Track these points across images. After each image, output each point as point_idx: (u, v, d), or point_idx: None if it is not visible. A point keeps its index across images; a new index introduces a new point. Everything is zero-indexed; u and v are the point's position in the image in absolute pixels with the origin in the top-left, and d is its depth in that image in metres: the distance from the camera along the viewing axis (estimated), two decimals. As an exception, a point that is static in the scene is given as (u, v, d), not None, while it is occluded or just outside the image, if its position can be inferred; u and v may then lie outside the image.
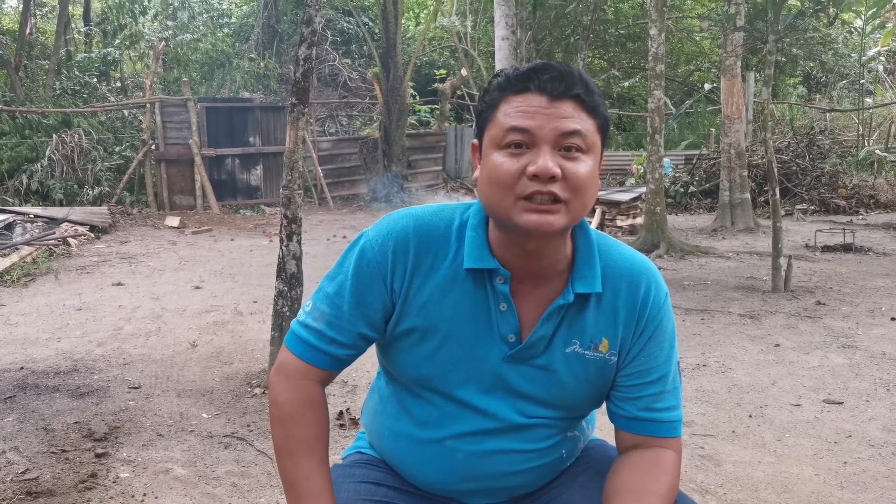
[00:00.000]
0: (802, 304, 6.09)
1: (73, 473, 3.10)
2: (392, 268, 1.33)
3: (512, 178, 1.21)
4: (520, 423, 1.36)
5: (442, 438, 1.38)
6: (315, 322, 1.37)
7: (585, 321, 1.33)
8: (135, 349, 5.03)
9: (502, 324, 1.32)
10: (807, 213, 12.09)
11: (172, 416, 3.81)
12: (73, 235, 9.47)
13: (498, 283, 1.31)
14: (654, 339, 1.35)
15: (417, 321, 1.34)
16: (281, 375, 1.39)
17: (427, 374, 1.36)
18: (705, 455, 3.28)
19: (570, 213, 1.23)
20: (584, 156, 1.23)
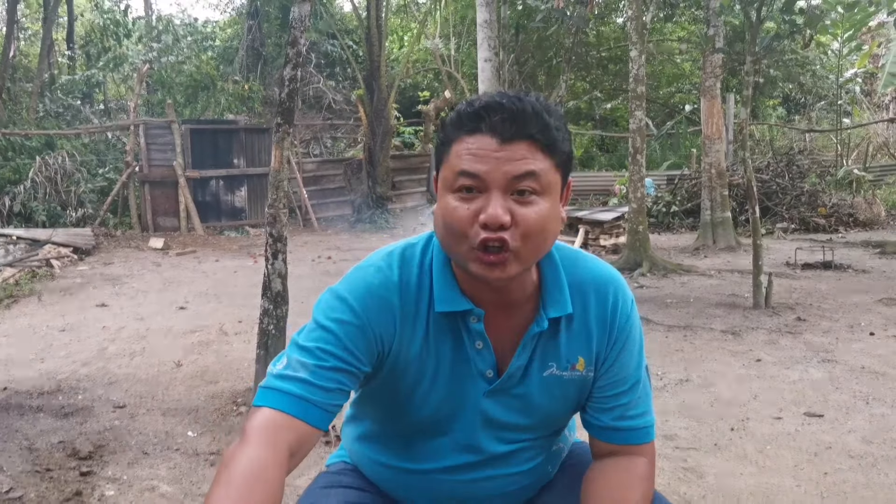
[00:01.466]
0: (783, 320, 6.17)
1: (58, 492, 3.09)
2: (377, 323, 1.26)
3: (463, 225, 1.18)
4: (503, 451, 1.38)
5: (427, 471, 1.40)
6: (295, 371, 1.20)
7: (559, 343, 1.32)
8: (119, 369, 5.02)
9: (479, 361, 1.31)
10: (787, 232, 12.24)
11: (158, 434, 3.81)
12: (56, 257, 9.43)
13: (472, 323, 1.29)
14: (625, 349, 1.34)
15: (400, 365, 1.30)
16: (240, 438, 1.15)
17: (408, 416, 1.35)
18: (688, 467, 3.32)
19: (521, 261, 1.20)
20: (540, 198, 1.18)
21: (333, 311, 1.24)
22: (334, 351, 1.21)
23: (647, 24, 9.66)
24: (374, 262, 1.31)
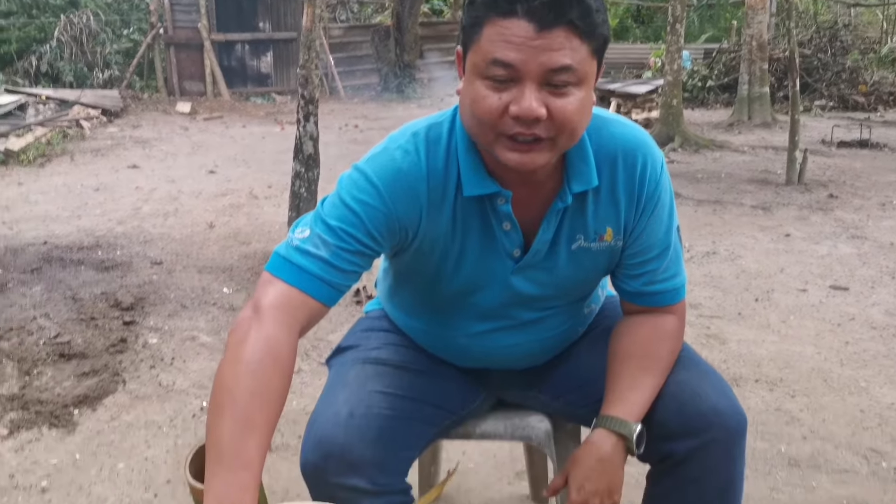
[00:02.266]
0: (815, 197, 6.12)
1: (104, 339, 3.24)
2: (403, 208, 1.23)
3: (493, 116, 1.12)
4: (533, 318, 1.40)
5: (457, 336, 1.43)
6: (317, 249, 1.18)
7: (587, 216, 1.29)
8: (154, 228, 5.13)
9: (506, 241, 1.29)
10: (825, 110, 11.93)
11: (195, 290, 3.93)
12: (85, 118, 9.46)
13: (500, 205, 1.25)
14: (654, 215, 1.30)
15: (425, 247, 1.29)
16: (253, 311, 1.14)
17: (436, 294, 1.38)
18: (711, 334, 3.39)
19: (553, 150, 1.16)
20: (576, 89, 1.11)
21: (360, 192, 1.21)
22: (357, 234, 1.19)
23: None
24: (400, 143, 1.25)
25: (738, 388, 2.82)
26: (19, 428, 2.53)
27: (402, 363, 1.44)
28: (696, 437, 1.24)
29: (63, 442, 2.46)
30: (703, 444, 1.24)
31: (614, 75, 15.50)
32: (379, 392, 1.34)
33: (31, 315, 3.46)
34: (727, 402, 1.27)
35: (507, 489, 2.25)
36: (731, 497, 1.29)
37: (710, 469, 1.26)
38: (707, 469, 1.26)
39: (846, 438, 2.50)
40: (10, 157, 7.31)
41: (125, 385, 2.84)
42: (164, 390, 2.82)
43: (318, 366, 3.02)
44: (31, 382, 2.84)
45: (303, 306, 1.16)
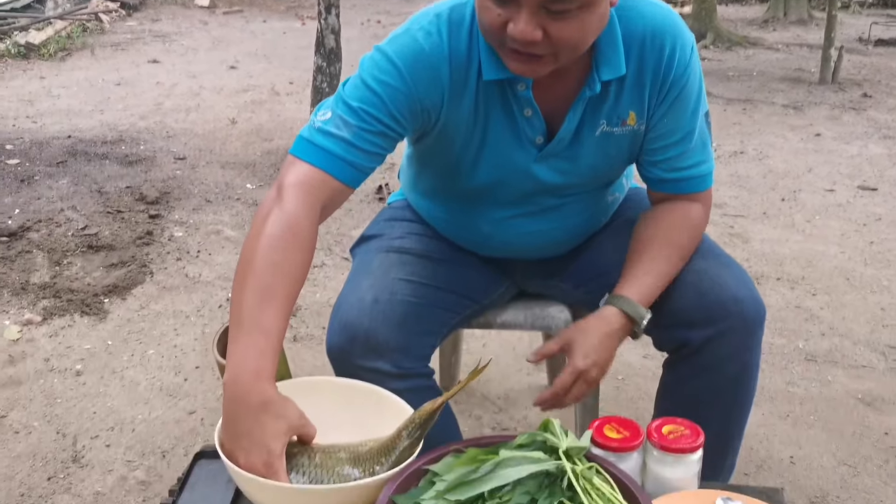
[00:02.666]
0: (848, 96, 5.95)
1: (130, 231, 3.28)
2: (425, 90, 1.22)
3: (494, 29, 1.10)
4: (555, 204, 1.39)
5: (477, 223, 1.43)
6: (339, 130, 1.18)
7: (611, 101, 1.26)
8: (176, 123, 5.12)
9: (528, 128, 1.27)
10: (864, 6, 11.46)
11: (218, 185, 3.95)
12: (104, 11, 9.31)
13: (520, 90, 1.23)
14: (679, 99, 1.26)
15: (448, 132, 1.28)
16: (276, 191, 1.15)
17: (459, 180, 1.37)
18: (734, 233, 3.38)
19: (559, 62, 1.13)
20: (578, 12, 1.06)
21: (381, 73, 1.19)
22: (378, 115, 1.18)
23: None
24: (422, 24, 1.23)
25: (760, 287, 2.81)
26: (52, 315, 2.60)
27: (425, 252, 1.45)
28: (714, 326, 1.25)
29: (95, 329, 2.53)
30: (720, 332, 1.25)
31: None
32: (402, 279, 1.35)
33: (59, 207, 3.51)
34: (747, 292, 1.27)
35: (527, 379, 2.31)
36: (745, 386, 1.31)
37: (726, 357, 1.27)
38: (723, 357, 1.27)
39: (865, 335, 2.51)
40: (31, 50, 7.26)
41: (153, 276, 2.90)
42: (190, 282, 2.87)
43: (341, 260, 3.05)
44: (62, 272, 2.91)
45: (324, 186, 1.17)
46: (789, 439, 2.00)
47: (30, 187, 3.75)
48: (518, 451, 0.94)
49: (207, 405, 2.13)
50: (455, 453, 0.98)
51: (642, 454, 1.06)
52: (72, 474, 1.87)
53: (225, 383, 1.02)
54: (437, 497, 0.91)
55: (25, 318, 2.57)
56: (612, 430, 1.05)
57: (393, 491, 0.93)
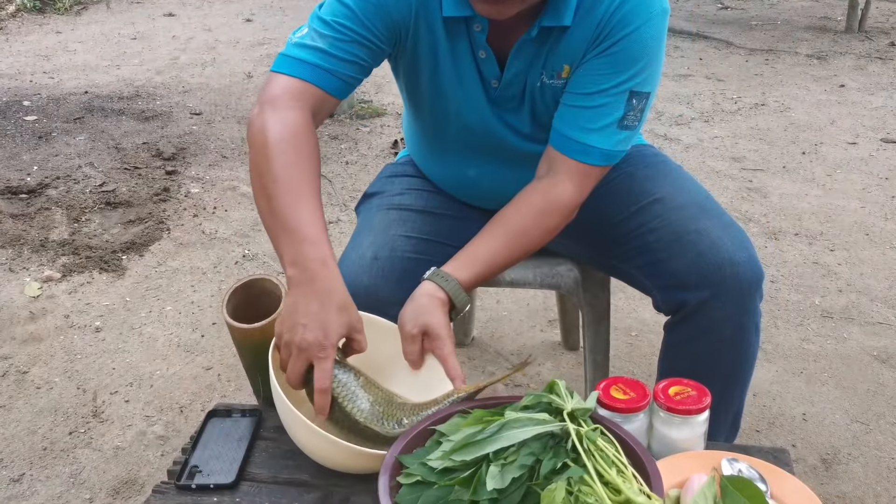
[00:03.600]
0: (875, 45, 5.81)
1: (147, 188, 3.30)
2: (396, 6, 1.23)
3: None
4: (534, 150, 1.36)
5: (464, 170, 1.45)
6: (314, 41, 1.20)
7: (552, 52, 1.25)
8: (192, 78, 5.10)
9: (484, 69, 1.29)
10: (896, -50, 11.11)
11: (234, 140, 3.95)
12: (119, -36, 9.23)
13: (476, 31, 1.25)
14: (608, 54, 1.21)
15: (419, 55, 1.30)
16: (260, 106, 1.17)
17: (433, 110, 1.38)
18: (753, 188, 3.34)
19: (525, 1, 1.13)
20: None
21: None
22: (351, 26, 1.20)
23: None
24: None
25: (777, 242, 2.80)
26: (71, 272, 2.64)
27: (424, 207, 1.46)
28: (710, 288, 1.24)
29: (113, 285, 2.56)
30: (715, 294, 1.24)
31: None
32: (402, 236, 1.37)
33: (77, 164, 3.52)
34: (745, 255, 1.26)
35: (540, 336, 2.32)
36: (742, 349, 1.30)
37: (721, 320, 1.26)
38: (718, 320, 1.26)
39: (882, 292, 2.49)
40: (46, 4, 7.23)
41: (170, 233, 2.93)
42: (207, 238, 2.89)
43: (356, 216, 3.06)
44: (80, 229, 2.93)
45: (307, 94, 1.19)
46: (802, 396, 2.00)
47: (48, 144, 3.77)
48: (523, 413, 0.95)
49: (224, 361, 2.16)
50: (462, 414, 0.99)
51: (648, 415, 1.06)
52: (92, 429, 1.91)
53: (289, 277, 1.03)
54: (442, 457, 0.92)
55: (45, 274, 2.60)
56: (619, 392, 1.05)
57: (399, 451, 0.95)
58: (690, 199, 1.36)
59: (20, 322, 2.34)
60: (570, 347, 2.23)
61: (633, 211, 1.39)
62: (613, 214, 1.41)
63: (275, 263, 2.70)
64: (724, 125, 4.17)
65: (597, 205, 1.47)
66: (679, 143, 3.91)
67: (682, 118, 4.28)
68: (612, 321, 1.71)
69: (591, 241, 1.48)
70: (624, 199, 1.39)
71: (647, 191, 1.40)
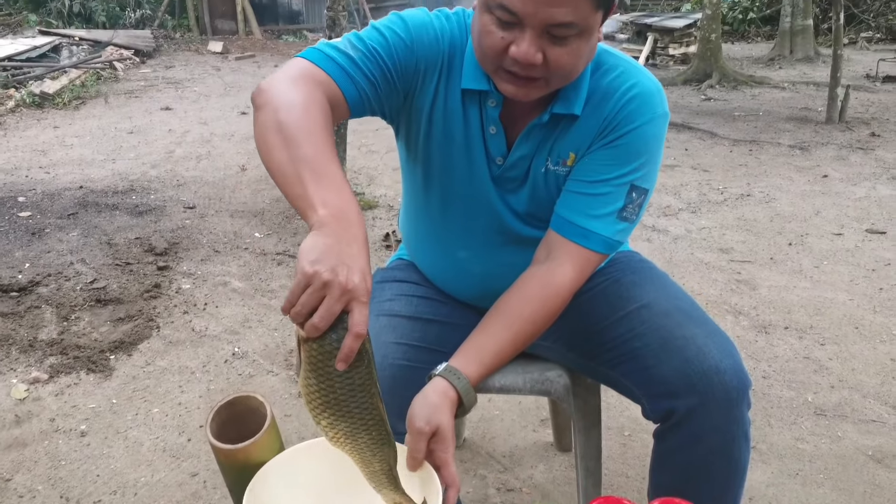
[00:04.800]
0: (856, 136, 5.95)
1: (138, 284, 3.30)
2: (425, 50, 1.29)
3: (495, 51, 1.17)
4: (528, 235, 1.40)
5: (457, 250, 1.46)
6: (345, 48, 1.23)
7: (560, 139, 1.31)
8: (187, 171, 5.17)
9: (492, 145, 1.34)
10: (871, 42, 11.50)
11: (227, 234, 3.98)
12: (118, 59, 9.48)
13: (490, 106, 1.30)
14: (613, 146, 1.28)
15: (424, 118, 1.34)
16: (280, 75, 1.16)
17: (430, 169, 1.40)
18: (741, 280, 3.36)
19: (551, 87, 1.21)
20: (576, 39, 1.15)
21: (392, 25, 1.27)
22: (381, 52, 1.24)
23: None
24: (436, 12, 1.33)
25: (768, 336, 2.80)
26: (59, 373, 2.61)
27: (415, 314, 1.46)
28: (697, 396, 1.24)
29: (100, 387, 2.54)
30: (703, 402, 1.23)
31: (652, 7, 15.06)
32: (393, 343, 1.36)
33: (69, 260, 3.54)
34: (731, 362, 1.26)
35: (532, 436, 2.29)
36: (731, 458, 1.29)
37: (710, 429, 1.25)
38: (706, 429, 1.25)
39: (875, 388, 2.48)
40: (45, 99, 7.38)
41: (159, 330, 2.91)
42: (196, 336, 2.88)
43: (347, 311, 3.05)
44: (69, 328, 2.92)
45: (325, 83, 1.18)
46: (798, 500, 1.97)
47: (40, 240, 3.79)
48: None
49: (211, 466, 2.12)
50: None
51: (639, 537, 1.04)
52: (73, 540, 1.86)
53: (320, 217, 0.96)
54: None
55: (32, 376, 2.58)
56: (609, 513, 1.03)
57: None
58: (676, 306, 1.38)
59: (6, 426, 2.31)
60: (563, 449, 2.20)
61: (620, 316, 1.40)
62: (601, 319, 1.42)
63: (265, 362, 2.69)
64: (711, 216, 4.22)
65: (585, 310, 1.48)
66: (668, 235, 3.95)
67: (670, 209, 4.34)
68: (604, 420, 1.70)
69: (580, 347, 1.48)
70: (612, 305, 1.41)
71: (634, 297, 1.41)
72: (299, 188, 1.01)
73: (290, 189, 1.02)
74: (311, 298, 0.91)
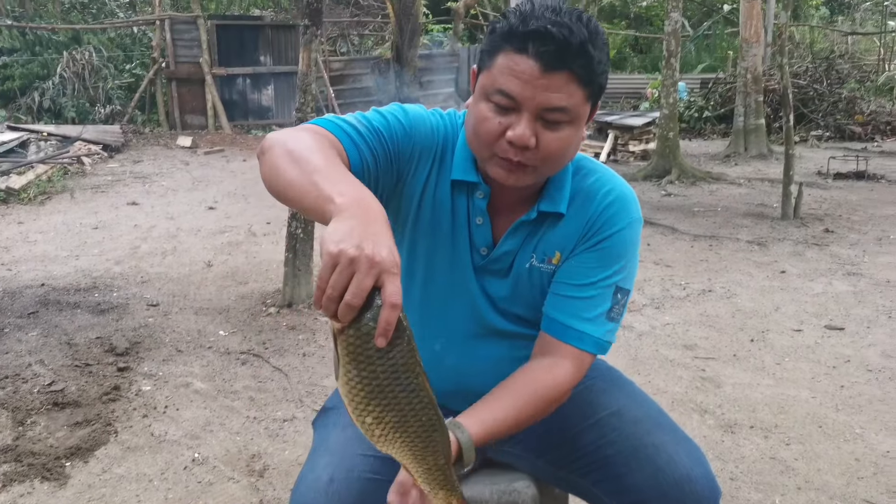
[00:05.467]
0: (811, 232, 6.13)
1: (98, 386, 3.24)
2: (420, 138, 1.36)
3: (491, 135, 1.25)
4: (505, 329, 1.43)
5: (432, 344, 1.45)
6: (350, 120, 1.30)
7: (545, 237, 1.38)
8: (152, 268, 5.14)
9: (477, 235, 1.39)
10: (821, 140, 11.96)
11: (190, 332, 3.93)
12: (86, 154, 9.51)
13: (478, 198, 1.37)
14: (596, 250, 1.36)
15: (413, 204, 1.38)
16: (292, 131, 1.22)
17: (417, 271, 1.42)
18: (706, 377, 3.39)
19: (537, 175, 1.29)
20: (567, 126, 1.24)
21: (394, 111, 1.35)
22: (382, 131, 1.30)
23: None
24: (432, 110, 1.43)
25: (733, 436, 2.81)
26: (12, 481, 2.52)
27: None
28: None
29: (54, 496, 2.45)
30: None
31: (612, 105, 15.59)
32: (361, 455, 1.35)
33: (27, 362, 3.46)
34: (701, 471, 1.28)
35: (499, 544, 2.23)
36: None
37: None
38: None
39: (841, 489, 2.48)
40: (10, 195, 7.35)
41: (117, 435, 2.84)
42: (155, 441, 2.81)
43: (312, 412, 3.01)
44: (25, 433, 2.84)
45: (333, 141, 1.22)
46: None
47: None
48: None
49: (167, 582, 2.04)
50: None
51: None
52: None
53: (337, 204, 0.98)
54: None
55: (-18, 485, 2.48)
56: None
57: None
58: (646, 413, 1.41)
59: (-51, 541, 2.21)
60: (531, 557, 2.15)
61: (591, 423, 1.42)
62: (572, 426, 1.44)
63: (226, 468, 2.62)
64: (674, 311, 4.28)
65: (556, 416, 1.49)
66: (633, 331, 3.99)
67: (634, 304, 4.40)
68: (571, 534, 1.67)
69: (550, 453, 1.48)
70: (582, 412, 1.43)
71: (604, 403, 1.44)
72: (314, 191, 1.03)
73: (305, 198, 1.05)
74: (340, 278, 0.91)
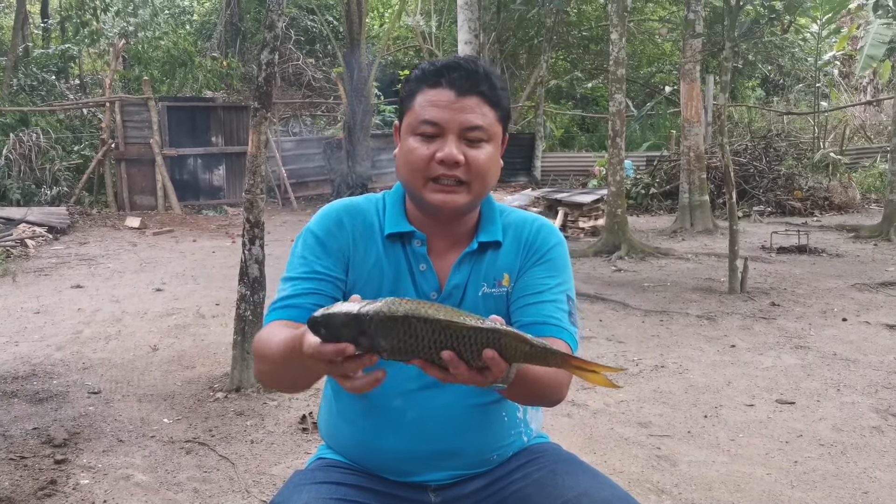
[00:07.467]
0: (758, 305, 6.24)
1: (33, 480, 3.08)
2: (335, 238, 1.52)
3: (423, 161, 1.43)
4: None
5: (389, 399, 1.48)
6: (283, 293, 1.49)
7: (489, 264, 1.53)
8: (94, 353, 4.99)
9: (423, 283, 1.51)
10: (763, 215, 12.33)
11: (133, 421, 3.79)
12: (30, 236, 9.32)
13: (416, 246, 1.51)
14: (542, 263, 1.53)
15: (359, 284, 1.51)
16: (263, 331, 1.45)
17: None
18: (662, 455, 3.36)
19: (472, 193, 1.46)
20: (486, 144, 1.45)
21: (305, 243, 1.53)
22: (305, 271, 1.49)
23: (628, 5, 9.64)
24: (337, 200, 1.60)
25: (690, 516, 2.77)
26: (-68, 590, 2.35)
27: None
28: None
29: None
30: None
31: (561, 183, 15.90)
32: None
33: (-44, 456, 3.28)
34: None
35: None
36: None
37: None
38: None
39: (799, 569, 2.45)
40: (-52, 279, 7.13)
41: (51, 535, 2.69)
42: (93, 539, 2.66)
43: (260, 503, 2.90)
44: (-50, 535, 2.67)
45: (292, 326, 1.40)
46: None
47: (-74, 434, 3.53)
48: None
49: None
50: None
51: None
52: None
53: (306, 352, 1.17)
54: None
55: None
56: None
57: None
58: (613, 494, 1.45)
59: None
60: None
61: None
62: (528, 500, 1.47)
63: (167, 567, 2.48)
64: (628, 388, 4.28)
65: (525, 500, 1.49)
66: (587, 409, 3.96)
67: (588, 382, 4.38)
68: None
69: None
70: (549, 494, 1.46)
71: (570, 485, 1.47)
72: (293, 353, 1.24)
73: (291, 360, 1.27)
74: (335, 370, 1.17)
